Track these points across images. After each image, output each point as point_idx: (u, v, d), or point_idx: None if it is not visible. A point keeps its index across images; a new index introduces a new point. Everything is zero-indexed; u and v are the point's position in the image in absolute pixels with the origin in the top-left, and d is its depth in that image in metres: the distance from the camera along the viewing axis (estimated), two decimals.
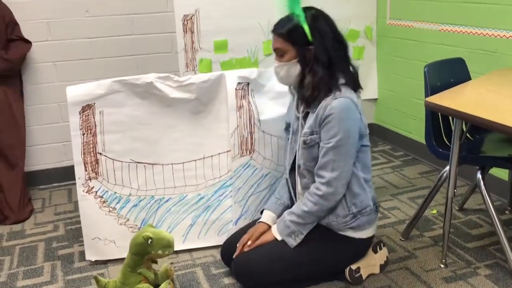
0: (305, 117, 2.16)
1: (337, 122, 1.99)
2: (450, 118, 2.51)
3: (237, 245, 2.20)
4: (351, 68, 2.11)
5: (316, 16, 2.06)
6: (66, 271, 2.44)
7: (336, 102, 1.99)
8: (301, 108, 2.18)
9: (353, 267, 2.21)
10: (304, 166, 2.14)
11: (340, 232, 2.13)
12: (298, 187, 2.23)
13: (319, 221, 2.13)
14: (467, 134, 2.54)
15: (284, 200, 2.31)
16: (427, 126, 2.48)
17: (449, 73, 2.59)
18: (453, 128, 2.26)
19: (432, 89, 2.42)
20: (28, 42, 3.06)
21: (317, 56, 2.02)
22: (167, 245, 2.14)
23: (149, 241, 2.10)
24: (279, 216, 2.25)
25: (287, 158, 2.30)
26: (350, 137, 2.02)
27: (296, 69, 2.08)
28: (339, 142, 2.00)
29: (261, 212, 2.33)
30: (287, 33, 2.05)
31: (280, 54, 2.10)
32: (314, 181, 2.12)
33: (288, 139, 2.29)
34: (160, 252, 2.13)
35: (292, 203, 2.28)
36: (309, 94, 2.06)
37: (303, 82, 2.09)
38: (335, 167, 2.02)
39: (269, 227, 2.22)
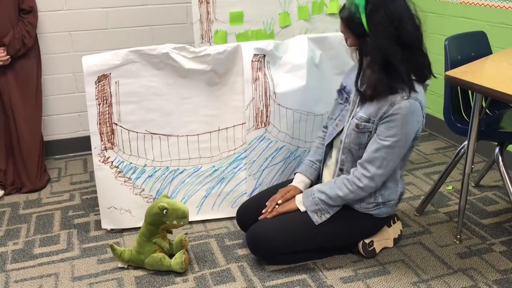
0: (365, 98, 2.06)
1: (400, 123, 1.94)
2: (470, 92, 2.47)
3: (267, 204, 2.21)
4: (422, 57, 1.97)
5: (378, 6, 1.87)
6: (82, 239, 2.47)
7: (406, 103, 1.92)
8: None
9: (367, 240, 2.21)
10: (347, 145, 2.11)
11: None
12: (331, 160, 2.21)
13: None
14: (487, 110, 2.51)
15: (319, 164, 2.29)
16: (446, 101, 2.44)
17: (470, 46, 2.54)
18: (472, 103, 2.22)
19: (452, 62, 2.38)
20: (34, 10, 2.93)
21: (371, 51, 1.91)
22: (182, 216, 2.15)
23: (165, 211, 2.11)
24: (312, 180, 2.27)
25: (333, 124, 2.22)
26: (407, 140, 1.99)
27: (356, 55, 2.01)
28: (396, 144, 1.97)
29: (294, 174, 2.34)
30: (346, 20, 1.96)
31: (345, 37, 2.03)
32: (351, 160, 2.10)
33: (339, 103, 2.22)
34: (175, 222, 2.15)
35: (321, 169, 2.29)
36: (368, 93, 1.98)
37: (362, 70, 2.01)
38: (383, 165, 2.00)
39: (300, 191, 2.22)
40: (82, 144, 3.35)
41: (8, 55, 2.81)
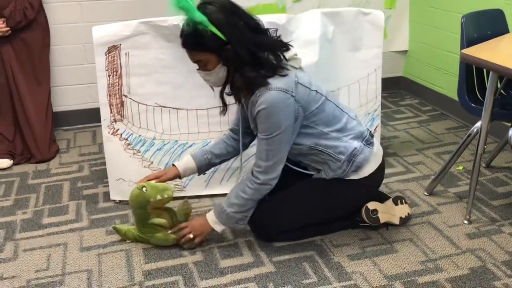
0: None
1: (264, 118, 1.95)
2: (485, 71, 2.43)
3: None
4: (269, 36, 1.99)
5: (219, 12, 1.87)
6: (91, 210, 2.48)
7: (262, 98, 1.93)
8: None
9: (370, 207, 2.19)
10: None
11: (345, 177, 2.11)
12: None
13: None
14: (501, 90, 2.46)
15: (211, 156, 2.27)
16: (461, 80, 2.40)
17: (487, 25, 2.49)
18: (487, 82, 2.19)
19: (468, 41, 2.33)
20: None
21: (237, 52, 1.88)
22: (163, 188, 2.10)
23: (144, 189, 2.07)
24: (198, 168, 2.26)
25: (241, 123, 2.24)
26: (282, 128, 1.96)
27: (224, 71, 1.95)
28: (270, 135, 1.97)
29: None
30: (198, 45, 1.90)
31: (203, 65, 1.96)
32: (299, 154, 2.12)
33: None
34: (159, 197, 2.08)
35: (219, 161, 2.31)
36: (243, 94, 2.02)
37: (232, 82, 1.99)
38: (270, 156, 2.00)
39: (178, 172, 2.23)
40: (91, 115, 3.34)
41: (8, 26, 2.78)
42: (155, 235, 2.16)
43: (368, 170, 2.12)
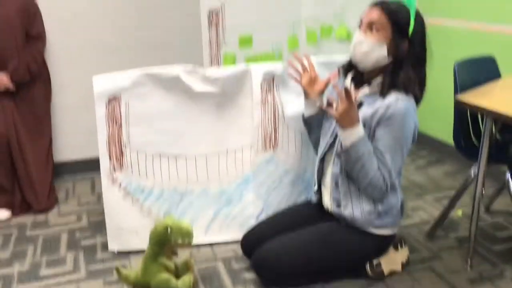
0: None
1: (398, 125, 1.97)
2: (480, 116, 2.46)
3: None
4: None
5: (421, 17, 2.04)
6: (89, 261, 2.46)
7: (402, 104, 1.97)
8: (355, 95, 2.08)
9: (374, 262, 2.19)
10: (339, 152, 2.09)
11: (362, 229, 2.12)
12: (327, 177, 2.21)
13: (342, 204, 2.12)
14: (497, 134, 2.49)
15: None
16: (456, 125, 2.43)
17: (479, 71, 2.54)
18: (482, 127, 2.21)
19: (461, 87, 2.37)
20: (42, 37, 2.97)
21: (412, 52, 2.00)
22: (186, 234, 2.13)
23: (168, 230, 2.10)
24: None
25: (325, 139, 2.23)
26: (408, 142, 2.02)
27: (380, 51, 2.00)
28: (397, 146, 1.99)
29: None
30: (394, 13, 1.99)
31: (375, 28, 2.00)
32: (344, 172, 2.10)
33: (328, 118, 2.23)
34: (179, 241, 2.13)
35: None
36: (384, 88, 2.01)
37: (381, 69, 2.04)
38: (391, 172, 2.01)
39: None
40: (90, 165, 3.34)
41: (13, 81, 2.82)
42: (159, 276, 2.14)
43: (388, 231, 2.16)
